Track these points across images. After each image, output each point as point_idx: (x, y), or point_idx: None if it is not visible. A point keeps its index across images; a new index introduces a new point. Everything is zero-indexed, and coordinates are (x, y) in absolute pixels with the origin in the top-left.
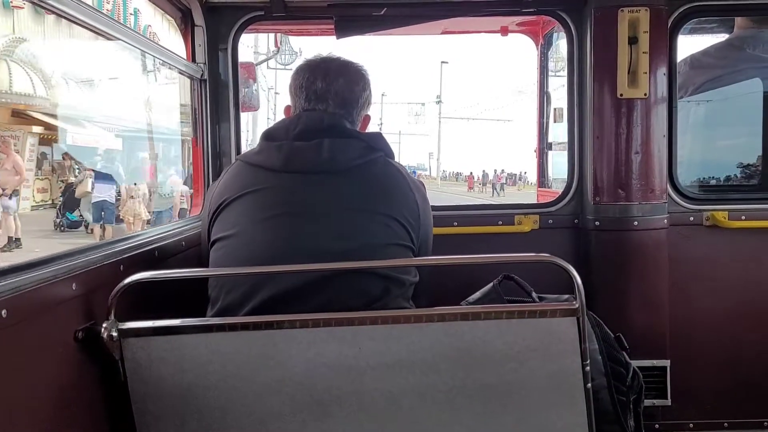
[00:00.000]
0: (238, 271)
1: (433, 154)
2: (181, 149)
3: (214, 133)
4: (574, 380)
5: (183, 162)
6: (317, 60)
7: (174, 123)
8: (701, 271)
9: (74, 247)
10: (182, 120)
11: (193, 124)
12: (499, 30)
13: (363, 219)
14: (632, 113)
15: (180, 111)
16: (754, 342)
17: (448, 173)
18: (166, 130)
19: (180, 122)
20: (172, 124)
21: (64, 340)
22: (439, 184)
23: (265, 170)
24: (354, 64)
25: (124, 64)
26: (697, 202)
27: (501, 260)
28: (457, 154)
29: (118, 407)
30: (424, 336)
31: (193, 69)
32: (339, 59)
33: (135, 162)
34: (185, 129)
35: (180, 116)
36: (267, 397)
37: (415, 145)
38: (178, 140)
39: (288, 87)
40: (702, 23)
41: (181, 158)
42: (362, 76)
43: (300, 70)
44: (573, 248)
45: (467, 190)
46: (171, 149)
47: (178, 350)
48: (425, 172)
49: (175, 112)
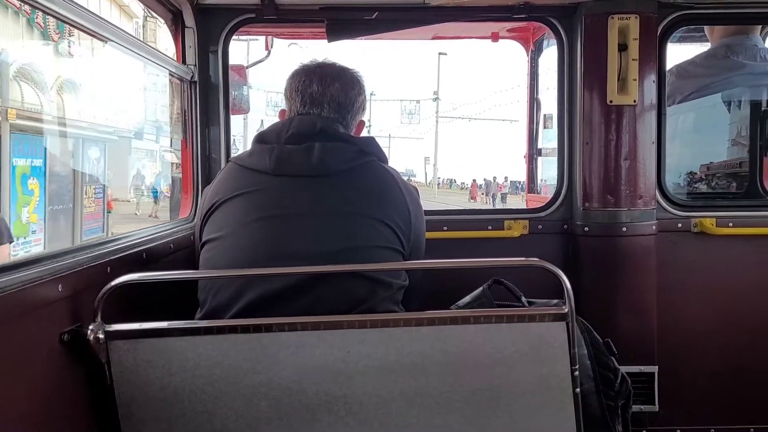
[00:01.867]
0: (224, 274)
1: (429, 159)
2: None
3: (204, 136)
4: (562, 385)
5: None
6: (313, 65)
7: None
8: (689, 277)
9: (61, 248)
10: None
11: (182, 127)
12: (490, 36)
13: (351, 221)
14: (621, 120)
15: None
16: (742, 348)
17: (442, 180)
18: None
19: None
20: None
21: (49, 342)
22: (435, 193)
23: (256, 173)
24: (350, 70)
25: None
26: (686, 208)
27: (491, 264)
28: (455, 159)
29: (104, 411)
30: (414, 340)
31: (183, 71)
32: (335, 64)
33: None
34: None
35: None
36: (255, 401)
37: (408, 149)
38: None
39: (283, 91)
40: (691, 31)
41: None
42: (357, 81)
43: (296, 74)
44: (562, 253)
45: (470, 200)
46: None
47: (166, 353)
48: (415, 178)
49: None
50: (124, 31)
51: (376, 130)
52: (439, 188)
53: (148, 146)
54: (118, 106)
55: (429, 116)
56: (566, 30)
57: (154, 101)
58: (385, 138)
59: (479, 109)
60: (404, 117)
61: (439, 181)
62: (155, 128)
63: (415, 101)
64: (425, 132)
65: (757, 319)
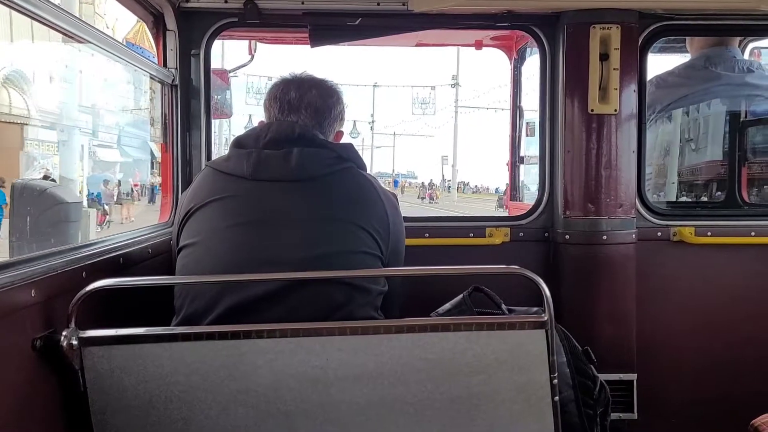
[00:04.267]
0: (200, 280)
1: (447, 158)
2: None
3: (185, 140)
4: (542, 393)
5: None
6: (291, 76)
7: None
8: (668, 285)
9: (34, 253)
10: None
11: (162, 130)
12: (474, 44)
13: (328, 227)
14: (602, 129)
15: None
16: (720, 356)
17: (467, 184)
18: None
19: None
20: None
21: (21, 348)
22: (455, 199)
23: (233, 177)
24: (328, 81)
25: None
26: (665, 217)
27: (471, 272)
28: (478, 157)
29: (78, 418)
30: (393, 347)
31: (164, 74)
32: (314, 76)
33: None
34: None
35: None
36: (232, 408)
37: (419, 147)
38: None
39: (263, 103)
40: (671, 42)
41: None
42: (335, 91)
43: (274, 85)
44: (543, 261)
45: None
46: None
47: (141, 360)
48: (415, 180)
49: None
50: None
51: (380, 125)
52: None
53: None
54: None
55: (446, 106)
56: (548, 39)
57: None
58: (389, 136)
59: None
60: (416, 107)
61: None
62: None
63: (429, 88)
64: (440, 125)
65: (735, 327)
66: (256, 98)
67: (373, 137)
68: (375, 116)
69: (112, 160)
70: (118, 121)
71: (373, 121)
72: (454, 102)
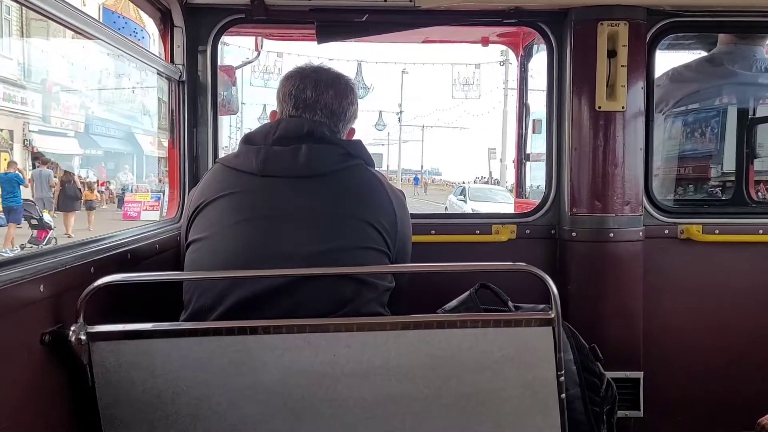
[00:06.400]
0: (209, 275)
1: (495, 151)
2: None
3: (191, 136)
4: (548, 390)
5: None
6: (308, 69)
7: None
8: (675, 283)
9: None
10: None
11: (169, 126)
12: (480, 40)
13: (336, 223)
14: (610, 126)
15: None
16: (727, 354)
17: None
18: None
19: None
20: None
21: (29, 343)
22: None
23: (242, 173)
24: (344, 78)
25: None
26: (672, 215)
27: (478, 269)
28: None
29: (85, 413)
30: (400, 344)
31: (171, 70)
32: (330, 70)
33: None
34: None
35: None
36: (239, 403)
37: (451, 141)
38: None
39: (276, 93)
40: (680, 39)
41: None
42: (351, 89)
43: (290, 77)
44: (549, 258)
45: None
46: None
47: (149, 355)
48: (440, 177)
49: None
50: (111, 29)
51: (408, 116)
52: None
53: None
54: None
55: (493, 88)
56: (556, 36)
57: None
58: (417, 128)
59: None
60: (456, 89)
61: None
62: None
63: (473, 66)
64: (483, 113)
65: (742, 325)
66: (264, 79)
67: (401, 129)
68: (403, 106)
69: (67, 152)
70: (91, 106)
71: (401, 111)
72: (502, 83)
